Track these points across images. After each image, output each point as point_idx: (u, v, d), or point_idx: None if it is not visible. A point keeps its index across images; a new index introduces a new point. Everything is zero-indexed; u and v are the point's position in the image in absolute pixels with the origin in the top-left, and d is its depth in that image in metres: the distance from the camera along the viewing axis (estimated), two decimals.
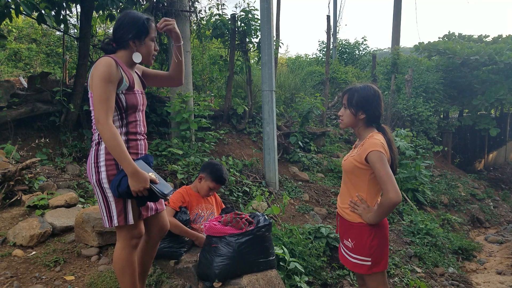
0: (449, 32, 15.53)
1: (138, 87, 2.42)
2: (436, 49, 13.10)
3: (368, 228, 2.47)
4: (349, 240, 2.56)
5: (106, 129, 2.13)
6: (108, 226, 2.30)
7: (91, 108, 2.28)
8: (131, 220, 2.30)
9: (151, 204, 2.45)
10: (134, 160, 2.22)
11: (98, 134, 2.25)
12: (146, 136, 2.50)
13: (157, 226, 2.57)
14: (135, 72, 2.49)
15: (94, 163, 2.24)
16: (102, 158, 2.22)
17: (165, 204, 3.24)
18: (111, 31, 2.46)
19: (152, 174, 2.24)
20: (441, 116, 13.54)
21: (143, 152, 2.43)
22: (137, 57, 2.35)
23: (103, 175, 2.22)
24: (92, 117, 2.29)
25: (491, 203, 10.01)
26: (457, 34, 15.43)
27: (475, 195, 10.15)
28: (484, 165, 15.30)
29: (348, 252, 2.57)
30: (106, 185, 2.23)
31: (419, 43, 13.76)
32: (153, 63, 2.50)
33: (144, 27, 2.32)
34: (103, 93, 2.15)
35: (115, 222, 2.27)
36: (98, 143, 2.26)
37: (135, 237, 2.38)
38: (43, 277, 3.10)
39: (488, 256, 6.71)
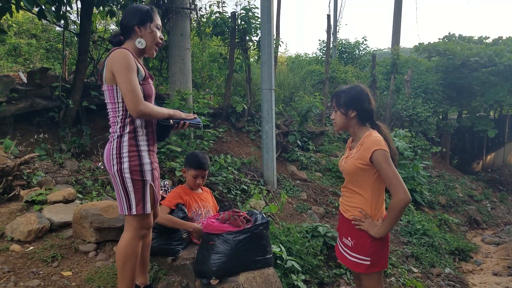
0: (449, 33, 15.53)
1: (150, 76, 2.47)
2: (436, 50, 13.11)
3: None
4: (349, 238, 2.55)
5: (146, 108, 2.24)
6: (126, 214, 2.37)
7: (106, 101, 2.34)
8: (148, 209, 2.38)
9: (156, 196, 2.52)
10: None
11: (120, 127, 2.32)
12: None
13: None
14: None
15: (116, 153, 2.31)
16: (125, 149, 2.30)
17: (159, 204, 3.25)
18: (111, 27, 2.48)
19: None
20: (440, 117, 13.54)
21: (155, 143, 2.51)
22: (140, 43, 2.37)
23: (126, 165, 2.29)
24: (109, 110, 2.35)
25: (489, 205, 10.04)
26: (457, 35, 15.40)
27: (473, 196, 10.17)
28: (482, 167, 15.31)
29: (348, 250, 2.57)
30: (127, 175, 2.30)
31: (419, 43, 13.77)
32: (155, 54, 2.53)
33: (149, 13, 2.38)
34: (131, 82, 2.20)
35: (134, 210, 2.34)
36: (121, 136, 2.32)
37: (146, 227, 2.45)
38: (40, 272, 3.10)
39: (484, 257, 6.73)
